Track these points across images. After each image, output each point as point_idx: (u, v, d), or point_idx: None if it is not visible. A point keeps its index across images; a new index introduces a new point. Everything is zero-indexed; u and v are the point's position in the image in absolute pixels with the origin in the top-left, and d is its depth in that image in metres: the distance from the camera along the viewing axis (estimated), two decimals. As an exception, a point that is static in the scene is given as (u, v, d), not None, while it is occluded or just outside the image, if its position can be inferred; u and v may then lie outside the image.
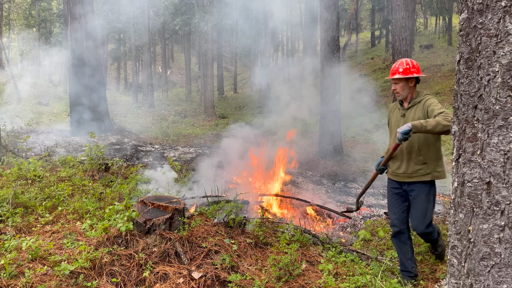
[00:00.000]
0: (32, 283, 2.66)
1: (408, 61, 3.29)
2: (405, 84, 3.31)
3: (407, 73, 3.26)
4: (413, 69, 3.27)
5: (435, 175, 3.19)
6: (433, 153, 3.19)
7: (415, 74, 3.26)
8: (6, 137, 8.03)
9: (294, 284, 3.01)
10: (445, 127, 2.85)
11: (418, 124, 2.91)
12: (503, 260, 1.48)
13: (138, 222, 3.40)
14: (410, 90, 3.31)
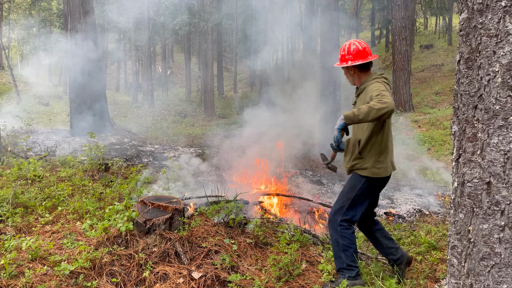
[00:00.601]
0: (32, 283, 2.66)
1: (346, 46, 2.92)
2: (346, 71, 2.99)
3: (341, 62, 2.95)
4: (348, 56, 2.89)
5: (373, 172, 2.82)
6: (373, 147, 2.84)
7: (350, 62, 2.89)
8: (6, 137, 8.03)
9: (294, 284, 3.01)
10: (379, 112, 2.48)
11: (350, 115, 2.59)
12: (503, 260, 1.48)
13: (138, 222, 3.40)
14: (353, 77, 2.98)
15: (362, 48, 2.88)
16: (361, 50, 2.87)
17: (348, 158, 2.98)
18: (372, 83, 2.82)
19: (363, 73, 2.95)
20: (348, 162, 2.97)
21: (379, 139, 2.84)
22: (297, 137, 10.50)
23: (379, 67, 25.94)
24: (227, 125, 17.51)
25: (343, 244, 2.86)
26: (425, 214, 5.37)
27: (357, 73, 2.95)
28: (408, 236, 4.22)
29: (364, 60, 2.86)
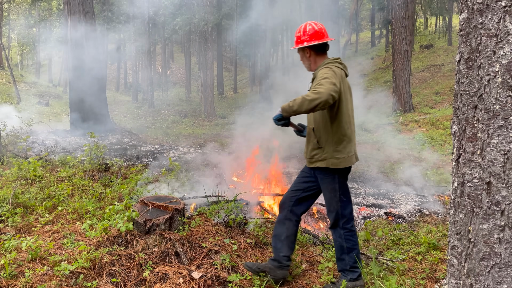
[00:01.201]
0: (32, 283, 2.66)
1: (302, 27, 2.78)
2: (302, 55, 2.84)
3: (296, 44, 2.80)
4: (304, 37, 2.76)
5: (333, 162, 2.69)
6: (330, 136, 2.70)
7: (305, 43, 2.74)
8: (6, 137, 8.03)
9: (294, 284, 3.01)
10: (312, 103, 2.35)
11: (286, 106, 2.47)
12: (503, 260, 1.48)
13: (138, 222, 3.40)
14: (309, 61, 2.83)
15: (318, 28, 2.76)
16: (317, 30, 2.75)
17: (308, 148, 2.86)
18: (322, 68, 2.68)
19: (319, 56, 2.82)
20: (308, 152, 2.86)
21: (335, 127, 2.70)
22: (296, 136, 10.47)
23: (379, 67, 25.93)
24: (227, 125, 17.50)
25: (347, 247, 2.83)
26: (425, 214, 5.37)
27: (313, 56, 2.81)
28: (408, 236, 4.22)
29: (320, 41, 2.74)
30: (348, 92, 2.80)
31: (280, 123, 2.57)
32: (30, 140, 9.20)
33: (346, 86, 2.76)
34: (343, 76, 2.73)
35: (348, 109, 2.76)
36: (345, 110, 2.72)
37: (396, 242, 4.15)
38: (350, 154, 2.76)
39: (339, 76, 2.62)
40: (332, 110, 2.68)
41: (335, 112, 2.68)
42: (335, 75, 2.57)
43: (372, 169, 8.94)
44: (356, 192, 7.01)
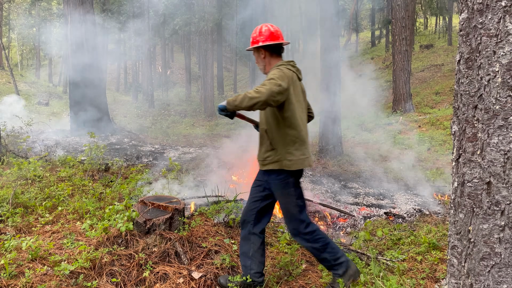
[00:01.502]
0: (32, 283, 2.66)
1: (258, 28, 2.79)
2: (257, 56, 2.83)
3: (252, 44, 2.80)
4: (259, 37, 2.76)
5: (285, 164, 2.65)
6: (282, 137, 2.67)
7: (261, 43, 2.74)
8: (6, 137, 8.03)
9: (294, 284, 3.01)
10: (251, 101, 2.35)
11: (230, 100, 2.48)
12: (503, 260, 1.48)
13: (138, 222, 3.40)
14: (264, 62, 2.81)
15: (274, 30, 2.77)
16: (273, 32, 2.76)
17: (261, 150, 2.83)
18: (273, 69, 2.68)
19: (274, 58, 2.81)
20: (261, 154, 2.82)
21: (288, 129, 2.67)
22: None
23: (379, 67, 25.94)
24: (227, 125, 17.49)
25: (320, 247, 2.75)
26: (425, 214, 5.37)
27: (268, 57, 2.80)
28: (408, 236, 4.22)
29: (275, 42, 2.75)
30: (301, 95, 2.80)
31: (223, 114, 2.56)
32: (30, 140, 9.20)
33: (298, 89, 2.75)
34: (295, 79, 2.71)
35: (300, 112, 2.73)
36: (297, 112, 2.70)
37: (396, 242, 4.15)
38: (303, 156, 2.70)
39: (289, 78, 2.61)
40: (283, 112, 2.65)
41: (287, 114, 2.66)
42: (284, 76, 2.56)
43: (372, 169, 8.93)
44: (356, 192, 7.01)
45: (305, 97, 2.90)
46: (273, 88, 2.43)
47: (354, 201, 6.43)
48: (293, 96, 2.66)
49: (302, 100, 2.81)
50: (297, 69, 2.80)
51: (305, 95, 2.91)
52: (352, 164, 9.53)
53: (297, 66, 2.83)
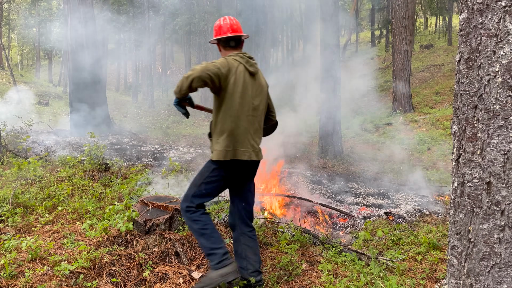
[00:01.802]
0: (32, 283, 2.66)
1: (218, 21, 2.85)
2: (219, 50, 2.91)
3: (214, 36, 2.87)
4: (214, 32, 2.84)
5: (215, 154, 2.65)
6: (216, 126, 2.70)
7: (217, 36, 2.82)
8: (6, 137, 8.03)
9: (294, 284, 3.01)
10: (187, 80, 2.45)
11: (176, 90, 2.57)
12: (503, 260, 1.48)
13: (138, 222, 3.40)
14: (222, 55, 2.85)
15: (223, 23, 2.81)
16: (221, 25, 2.80)
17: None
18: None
19: (228, 50, 2.82)
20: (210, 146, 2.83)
21: (219, 118, 2.67)
22: (296, 136, 10.50)
23: (379, 67, 25.94)
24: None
25: (198, 229, 2.65)
26: (425, 214, 5.37)
27: (223, 50, 2.84)
28: (408, 236, 4.22)
29: (221, 36, 2.79)
30: (248, 88, 2.70)
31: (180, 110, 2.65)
32: (30, 140, 9.20)
33: (241, 80, 2.65)
34: (239, 70, 2.65)
35: (239, 105, 2.65)
36: (233, 103, 2.64)
37: (396, 242, 4.15)
38: (227, 149, 2.64)
39: (230, 66, 2.61)
40: (219, 101, 2.67)
41: (222, 104, 2.66)
42: (224, 63, 2.60)
43: (372, 169, 8.94)
44: (356, 192, 7.02)
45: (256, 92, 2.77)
46: (208, 65, 2.50)
47: (354, 201, 6.43)
48: (231, 86, 2.61)
49: (249, 95, 2.70)
50: (246, 60, 2.73)
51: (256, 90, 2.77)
52: (352, 164, 9.54)
53: (249, 58, 2.77)
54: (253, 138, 2.74)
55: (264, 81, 2.89)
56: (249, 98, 2.70)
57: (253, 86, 2.75)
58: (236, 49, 2.84)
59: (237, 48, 2.84)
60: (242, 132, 2.67)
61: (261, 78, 2.84)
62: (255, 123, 2.75)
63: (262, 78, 2.87)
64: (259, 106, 2.78)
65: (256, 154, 2.75)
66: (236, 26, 2.83)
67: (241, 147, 2.67)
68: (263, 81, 2.85)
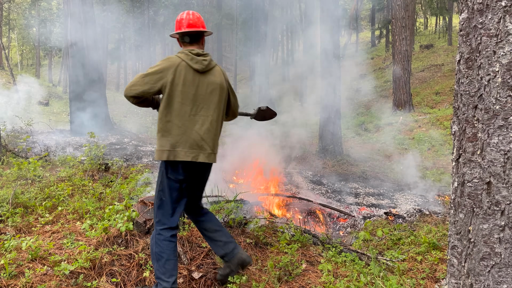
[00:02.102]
0: (32, 283, 2.66)
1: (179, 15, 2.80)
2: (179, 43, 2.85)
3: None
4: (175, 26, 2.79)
5: (158, 154, 2.56)
6: (159, 125, 2.59)
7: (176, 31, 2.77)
8: (6, 137, 8.03)
9: (294, 284, 3.01)
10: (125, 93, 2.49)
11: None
12: (503, 260, 1.48)
13: (138, 222, 3.40)
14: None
15: (179, 19, 2.76)
16: (178, 20, 2.76)
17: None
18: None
19: (186, 46, 2.75)
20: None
21: (161, 117, 2.58)
22: (296, 136, 10.50)
23: (379, 67, 25.93)
24: (227, 125, 17.48)
25: (155, 252, 2.57)
26: (425, 214, 5.37)
27: (182, 45, 2.79)
28: (408, 236, 4.22)
29: (177, 31, 2.74)
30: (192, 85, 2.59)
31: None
32: (30, 140, 9.20)
33: (181, 78, 2.56)
34: (181, 67, 2.56)
35: (178, 102, 2.56)
36: (173, 102, 2.55)
37: (396, 242, 4.15)
38: (163, 148, 2.55)
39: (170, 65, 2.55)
40: (162, 99, 2.60)
41: (163, 101, 2.58)
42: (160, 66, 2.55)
43: (372, 169, 8.94)
44: (356, 192, 7.02)
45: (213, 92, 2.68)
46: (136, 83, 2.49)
47: (354, 201, 6.43)
48: (169, 84, 2.53)
49: (191, 93, 2.59)
50: (191, 58, 2.61)
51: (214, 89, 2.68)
52: (352, 164, 9.54)
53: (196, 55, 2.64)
54: (203, 139, 2.59)
55: (221, 78, 2.75)
56: (192, 97, 2.58)
57: (201, 84, 2.62)
58: (192, 45, 2.74)
59: (193, 44, 2.75)
60: (183, 132, 2.56)
61: (214, 75, 2.70)
62: (205, 123, 2.61)
63: (218, 76, 2.73)
64: (210, 105, 2.64)
65: (206, 156, 2.61)
66: (192, 21, 2.73)
67: (183, 147, 2.55)
68: (217, 79, 2.71)
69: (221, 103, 2.74)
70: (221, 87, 2.73)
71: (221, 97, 2.73)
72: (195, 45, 2.75)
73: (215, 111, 2.68)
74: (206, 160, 2.61)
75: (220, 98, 2.72)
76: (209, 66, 2.68)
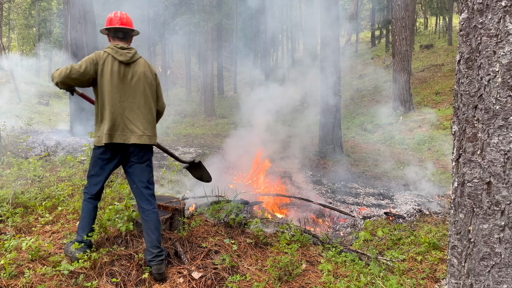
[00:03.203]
0: (32, 283, 2.66)
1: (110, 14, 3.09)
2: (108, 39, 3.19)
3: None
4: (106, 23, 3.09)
5: (95, 140, 2.94)
6: (95, 114, 2.96)
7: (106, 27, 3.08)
8: (6, 137, 8.03)
9: (294, 284, 3.01)
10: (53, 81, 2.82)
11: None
12: (503, 260, 1.48)
13: (138, 222, 3.40)
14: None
15: (113, 16, 3.07)
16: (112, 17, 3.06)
17: None
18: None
19: (113, 41, 3.05)
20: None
21: (97, 106, 2.93)
22: (297, 136, 10.50)
23: (379, 67, 25.92)
24: (227, 125, 17.50)
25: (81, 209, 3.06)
26: (425, 214, 5.37)
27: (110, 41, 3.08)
28: (408, 236, 4.22)
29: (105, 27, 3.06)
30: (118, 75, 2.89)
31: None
32: (30, 140, 9.19)
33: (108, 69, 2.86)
34: (108, 60, 2.88)
35: (108, 91, 2.86)
36: (103, 91, 2.87)
37: (396, 242, 4.15)
38: (102, 134, 2.88)
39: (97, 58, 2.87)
40: (94, 90, 2.94)
41: (95, 92, 2.93)
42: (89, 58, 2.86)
43: (372, 169, 8.94)
44: (356, 192, 7.02)
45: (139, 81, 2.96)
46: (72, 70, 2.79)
47: (354, 201, 6.43)
48: (99, 76, 2.86)
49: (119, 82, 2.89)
50: (116, 51, 2.93)
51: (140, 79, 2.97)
52: (352, 164, 9.54)
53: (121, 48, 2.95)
54: (132, 122, 2.91)
55: (147, 69, 3.03)
56: (120, 85, 2.89)
57: (126, 74, 2.93)
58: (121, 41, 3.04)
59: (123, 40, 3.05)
60: (115, 117, 2.87)
61: (140, 66, 2.99)
62: (133, 109, 2.93)
63: (143, 67, 3.01)
64: (136, 92, 2.95)
65: (137, 137, 2.92)
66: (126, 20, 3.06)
67: (116, 131, 2.88)
68: (140, 68, 2.99)
69: (146, 90, 3.03)
70: (145, 76, 3.01)
71: (145, 85, 3.02)
72: (123, 41, 3.06)
73: (141, 97, 2.98)
74: (137, 141, 2.92)
75: (145, 86, 3.01)
76: (133, 58, 2.99)
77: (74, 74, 2.78)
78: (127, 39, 3.07)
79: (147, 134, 2.98)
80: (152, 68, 3.11)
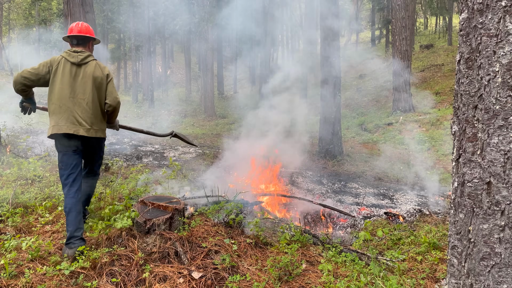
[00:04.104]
0: (32, 283, 2.66)
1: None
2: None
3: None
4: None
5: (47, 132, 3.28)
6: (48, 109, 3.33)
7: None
8: (6, 137, 8.03)
9: (294, 284, 3.01)
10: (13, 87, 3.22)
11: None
12: (503, 260, 1.48)
13: (138, 222, 3.40)
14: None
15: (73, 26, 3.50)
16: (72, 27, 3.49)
17: None
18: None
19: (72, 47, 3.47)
20: None
21: (50, 100, 3.29)
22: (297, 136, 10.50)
23: (379, 67, 25.92)
24: (227, 125, 17.51)
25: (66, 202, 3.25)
26: (425, 214, 5.37)
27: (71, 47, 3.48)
28: (408, 236, 4.22)
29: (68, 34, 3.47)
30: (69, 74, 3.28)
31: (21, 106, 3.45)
32: (30, 140, 9.19)
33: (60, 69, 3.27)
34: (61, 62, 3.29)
35: (59, 88, 3.25)
36: (55, 88, 3.26)
37: (396, 242, 4.15)
38: (52, 125, 3.23)
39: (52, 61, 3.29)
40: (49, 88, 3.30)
41: (48, 90, 3.31)
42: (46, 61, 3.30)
43: (372, 169, 8.94)
44: (356, 192, 7.02)
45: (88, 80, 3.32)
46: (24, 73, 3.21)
47: (354, 201, 6.43)
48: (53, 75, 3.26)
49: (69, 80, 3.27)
50: (69, 54, 3.34)
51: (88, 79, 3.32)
52: (352, 164, 9.54)
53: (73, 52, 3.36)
54: (81, 116, 3.27)
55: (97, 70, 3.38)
56: (70, 83, 3.27)
57: (77, 74, 3.33)
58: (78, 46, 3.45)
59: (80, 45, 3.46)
60: (64, 110, 3.24)
61: (90, 68, 3.37)
62: (82, 104, 3.29)
63: (93, 68, 3.37)
64: (85, 90, 3.32)
65: (85, 130, 3.27)
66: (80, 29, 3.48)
67: (65, 123, 3.22)
68: (92, 70, 3.37)
69: (94, 89, 3.36)
70: (94, 77, 3.36)
71: (94, 84, 3.36)
72: (80, 47, 3.46)
73: (90, 95, 3.33)
74: (86, 134, 3.26)
75: (93, 85, 3.35)
76: (84, 61, 3.37)
77: (25, 73, 3.18)
78: (84, 45, 3.49)
79: (94, 128, 3.33)
80: (103, 69, 3.45)
